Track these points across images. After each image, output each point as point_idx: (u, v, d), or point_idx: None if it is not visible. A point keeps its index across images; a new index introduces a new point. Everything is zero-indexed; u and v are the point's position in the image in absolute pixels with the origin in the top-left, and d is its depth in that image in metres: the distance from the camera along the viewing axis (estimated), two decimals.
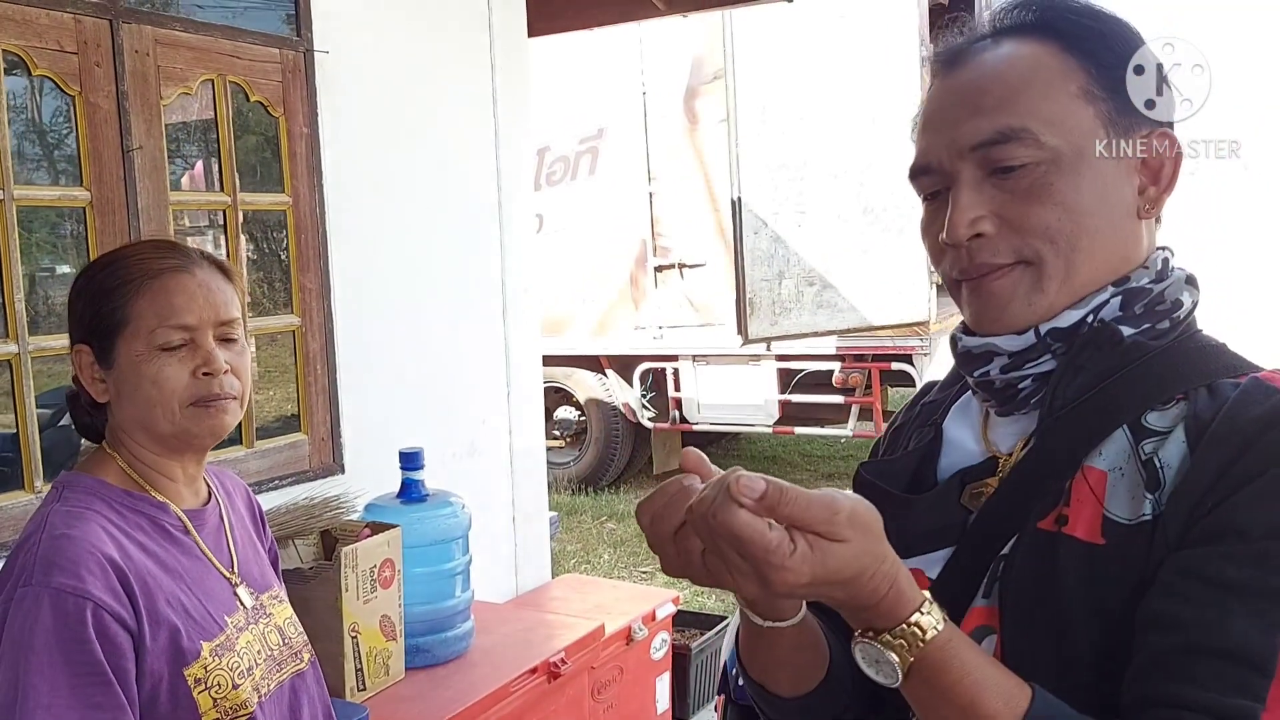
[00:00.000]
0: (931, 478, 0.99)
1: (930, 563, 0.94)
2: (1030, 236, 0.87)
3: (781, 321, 6.47)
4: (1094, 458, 0.86)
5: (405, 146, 3.13)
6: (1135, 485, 0.83)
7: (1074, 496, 0.86)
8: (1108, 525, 0.83)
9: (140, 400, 1.34)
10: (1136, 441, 0.85)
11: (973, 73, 0.91)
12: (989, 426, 0.98)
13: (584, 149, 7.63)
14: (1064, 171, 0.87)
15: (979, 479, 0.94)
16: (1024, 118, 0.87)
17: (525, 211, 3.66)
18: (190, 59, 2.58)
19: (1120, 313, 0.89)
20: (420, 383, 3.16)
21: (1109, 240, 0.89)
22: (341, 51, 2.90)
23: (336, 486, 2.69)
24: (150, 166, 2.48)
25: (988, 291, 0.90)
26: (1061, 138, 0.87)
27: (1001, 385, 0.93)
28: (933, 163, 0.92)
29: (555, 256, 7.41)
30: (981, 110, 0.88)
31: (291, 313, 2.83)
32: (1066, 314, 0.89)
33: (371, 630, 2.40)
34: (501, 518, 3.52)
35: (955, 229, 0.89)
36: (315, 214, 2.85)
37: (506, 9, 3.49)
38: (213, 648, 1.32)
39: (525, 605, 3.37)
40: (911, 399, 1.14)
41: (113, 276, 1.36)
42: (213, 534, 1.44)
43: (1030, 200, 0.87)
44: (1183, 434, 0.83)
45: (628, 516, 7.30)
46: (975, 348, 0.93)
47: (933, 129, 0.92)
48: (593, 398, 8.00)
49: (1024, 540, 0.87)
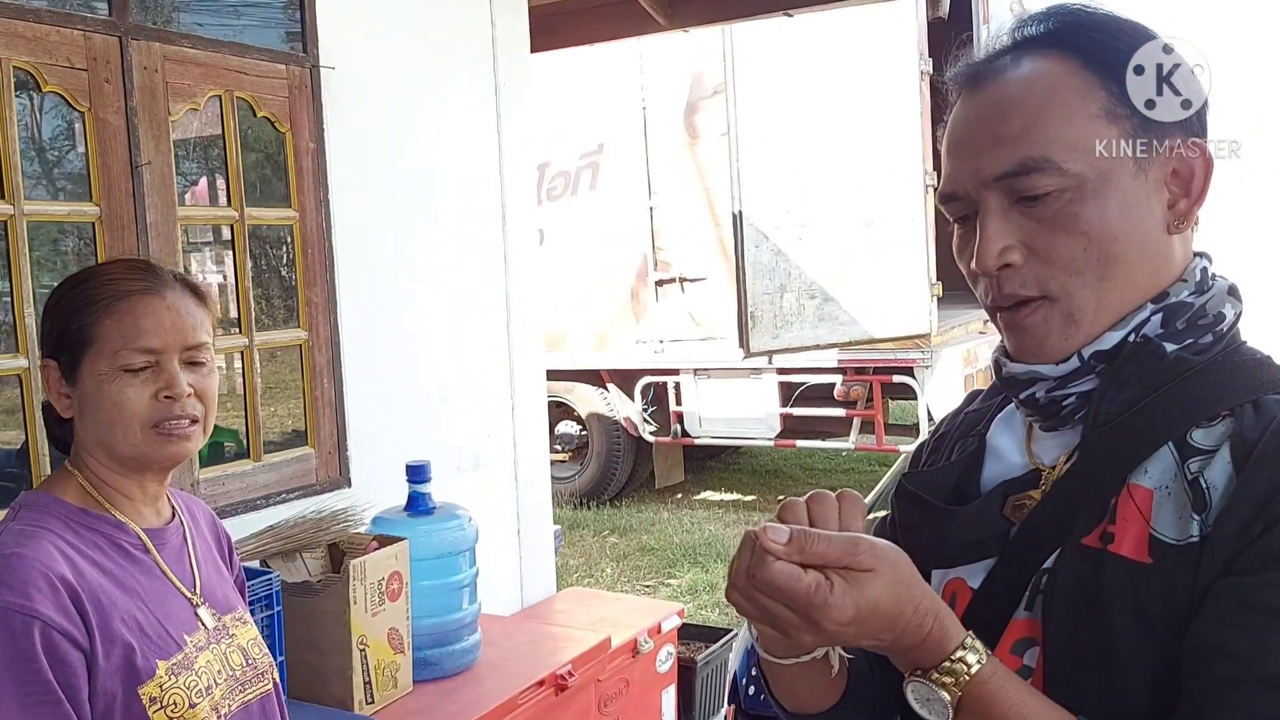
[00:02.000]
0: (975, 489, 0.98)
1: (973, 573, 0.94)
2: (1056, 269, 0.87)
3: (783, 335, 6.49)
4: (1139, 475, 0.86)
5: (409, 161, 3.14)
6: (1182, 505, 0.83)
7: (1120, 514, 0.85)
8: (1155, 545, 0.83)
9: (101, 420, 1.34)
10: (1182, 459, 0.84)
11: (993, 96, 0.90)
12: (1032, 439, 0.97)
13: (585, 164, 7.66)
14: (1089, 198, 0.86)
15: (1021, 491, 0.93)
16: (1045, 146, 0.86)
17: (528, 226, 3.68)
18: (198, 75, 2.60)
19: (1161, 329, 0.89)
20: (425, 396, 3.17)
21: (1139, 263, 0.88)
22: (347, 67, 2.92)
23: (343, 500, 2.70)
24: (159, 182, 2.50)
25: (1021, 327, 0.90)
26: (1085, 163, 0.86)
27: (1046, 403, 0.92)
28: (959, 191, 0.91)
29: (556, 271, 7.43)
30: (1002, 140, 0.87)
31: (298, 327, 2.84)
32: (1108, 335, 0.88)
33: (379, 643, 2.40)
34: (506, 531, 3.52)
35: (984, 260, 0.88)
36: (321, 228, 2.86)
37: (509, 25, 3.52)
38: (169, 666, 1.31)
39: (531, 618, 3.37)
40: (955, 409, 1.14)
41: (81, 295, 1.36)
42: (175, 553, 1.43)
43: (1056, 230, 0.86)
44: (1228, 454, 0.82)
45: (630, 530, 7.30)
46: (1020, 374, 0.92)
47: (958, 156, 0.91)
48: (594, 412, 8.00)
49: (1068, 555, 0.86)
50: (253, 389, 2.75)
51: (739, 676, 2.14)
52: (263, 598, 2.19)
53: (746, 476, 8.86)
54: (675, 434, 7.76)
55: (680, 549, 6.76)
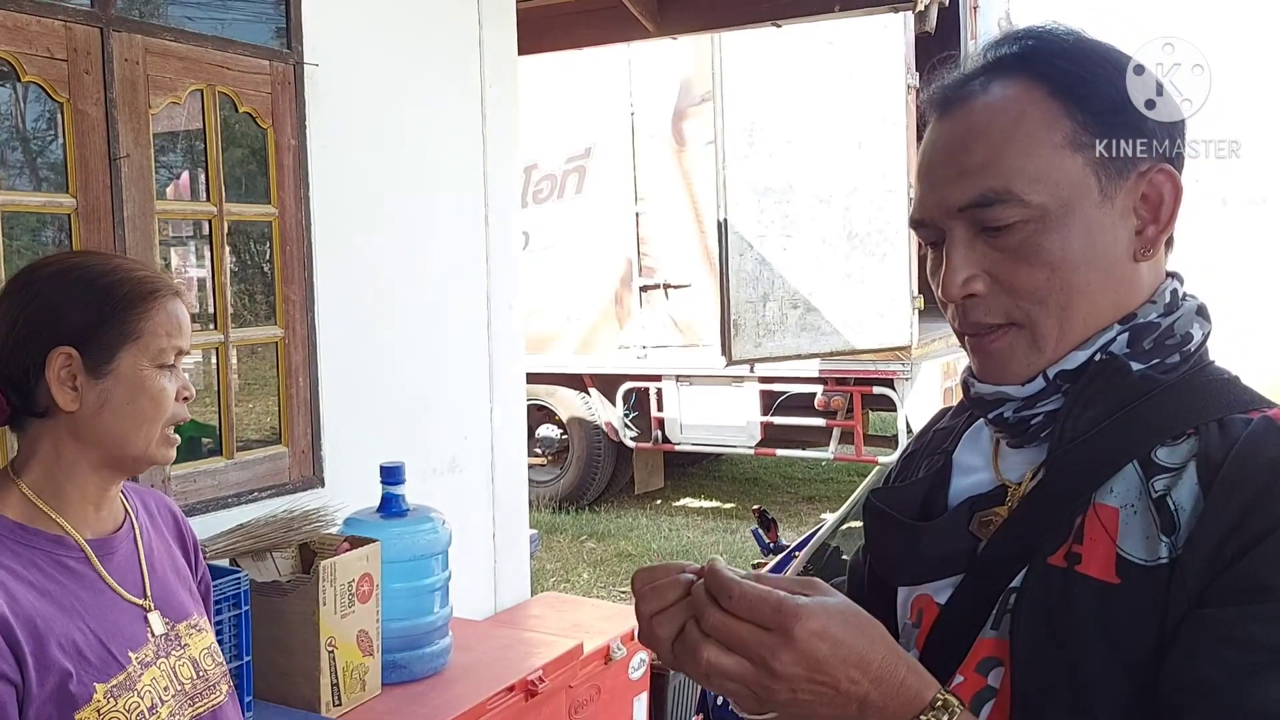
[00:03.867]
0: (941, 505, 0.98)
1: (940, 589, 0.94)
2: (1020, 298, 0.88)
3: (765, 343, 6.49)
4: (1105, 494, 0.85)
5: (392, 161, 3.13)
6: (1149, 524, 0.82)
7: (1086, 534, 0.85)
8: (1122, 564, 0.82)
9: (131, 414, 1.32)
10: (1148, 478, 0.84)
11: (960, 124, 0.90)
12: (999, 455, 0.97)
13: (571, 168, 7.66)
14: (1051, 228, 0.86)
15: (988, 507, 0.93)
16: (1007, 178, 0.86)
17: (512, 229, 3.67)
18: (180, 69, 2.58)
19: (1128, 349, 0.89)
20: (402, 397, 3.16)
21: (1102, 291, 0.88)
22: (331, 64, 2.90)
23: (316, 500, 2.68)
24: (137, 175, 2.48)
25: (986, 351, 0.91)
26: (1047, 194, 0.86)
27: (1014, 421, 0.92)
28: (926, 218, 0.92)
29: (541, 274, 7.42)
30: (966, 171, 0.88)
31: (274, 324, 2.82)
32: (1073, 355, 0.89)
33: (348, 645, 2.38)
34: (481, 534, 3.50)
35: (949, 289, 0.89)
36: (301, 226, 2.84)
37: (497, 27, 3.51)
38: (108, 689, 1.28)
39: (504, 623, 3.36)
40: (924, 427, 1.14)
41: (132, 286, 1.35)
42: (124, 561, 1.39)
43: (1019, 260, 0.87)
44: (1195, 474, 0.82)
45: (608, 536, 7.29)
46: (988, 394, 0.93)
47: (926, 184, 0.92)
48: (575, 416, 7.99)
49: (1034, 574, 0.86)
50: (227, 386, 2.72)
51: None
52: (230, 597, 2.17)
53: (726, 484, 8.86)
54: (656, 440, 7.76)
55: (658, 555, 6.75)
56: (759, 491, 8.57)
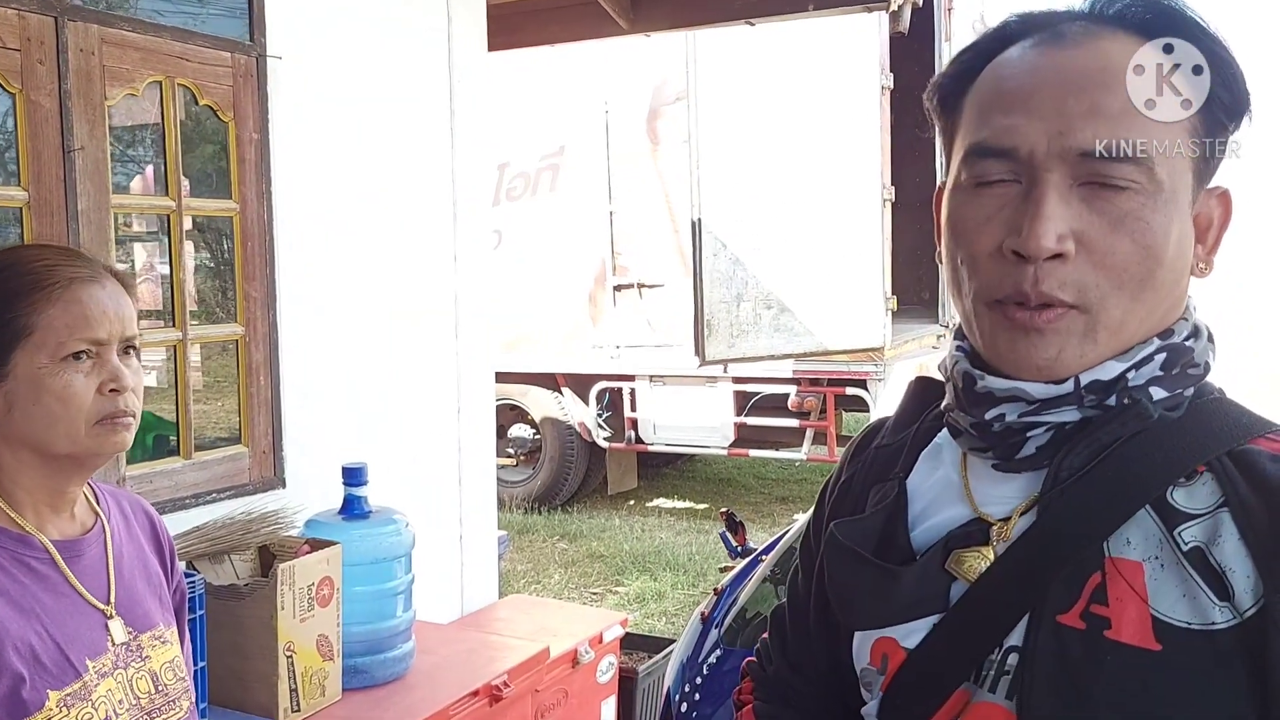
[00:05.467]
0: (902, 540, 0.89)
1: (908, 633, 0.85)
2: (1103, 274, 0.76)
3: (739, 344, 6.48)
4: (1121, 546, 0.77)
5: (358, 156, 3.08)
6: (1183, 580, 0.74)
7: (1111, 594, 0.76)
8: (1161, 628, 0.74)
9: (39, 415, 1.26)
10: (1169, 527, 0.76)
11: (1088, 59, 0.78)
12: (971, 483, 0.87)
13: (545, 165, 7.61)
14: (1160, 209, 0.77)
15: (967, 545, 0.83)
16: (1145, 137, 0.76)
17: (481, 227, 3.62)
18: (137, 60, 2.52)
19: (1161, 371, 0.80)
20: (367, 397, 3.11)
21: (1168, 295, 0.80)
22: (296, 57, 2.85)
23: (276, 501, 2.63)
24: (92, 168, 2.42)
25: (1040, 331, 0.78)
26: (1167, 174, 0.77)
27: (1002, 430, 0.82)
28: (1019, 149, 0.77)
29: (514, 273, 7.38)
30: (1101, 114, 0.76)
31: (235, 322, 2.77)
32: (1110, 365, 0.79)
33: (308, 650, 2.33)
34: (448, 536, 3.46)
35: (1039, 239, 0.75)
36: (263, 222, 2.79)
37: (466, 22, 3.46)
38: (61, 698, 1.23)
39: (469, 626, 3.31)
40: (856, 444, 1.04)
41: (19, 280, 1.27)
42: (92, 564, 1.34)
43: (1120, 231, 0.76)
44: (1234, 528, 0.74)
45: (580, 536, 7.25)
46: (1000, 390, 0.81)
47: (1027, 111, 0.78)
48: (548, 416, 7.95)
49: (1044, 635, 0.77)
50: (185, 384, 2.67)
51: (672, 693, 2.11)
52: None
53: (699, 484, 8.84)
54: (629, 440, 7.73)
55: (630, 556, 6.71)
56: (732, 492, 8.56)
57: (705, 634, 2.38)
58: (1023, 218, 0.77)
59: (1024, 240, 0.76)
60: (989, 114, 0.80)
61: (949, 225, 0.83)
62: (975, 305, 0.81)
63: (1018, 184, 0.78)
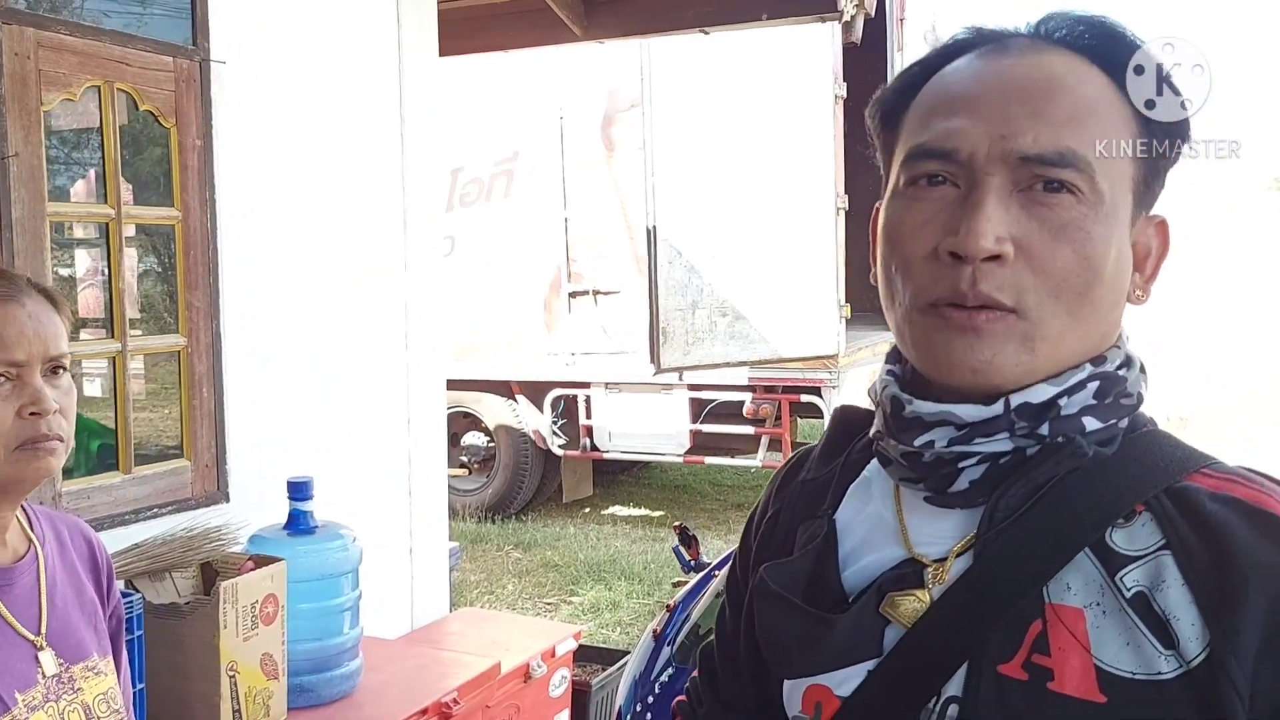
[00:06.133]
0: (833, 581, 0.85)
1: (842, 680, 0.82)
2: (1041, 280, 0.75)
3: (694, 351, 6.46)
4: (1061, 591, 0.74)
5: (305, 162, 3.02)
6: (1126, 628, 0.72)
7: (1053, 643, 0.73)
8: (1106, 679, 0.72)
9: None
10: (1109, 571, 0.74)
11: (1036, 69, 0.77)
12: (905, 517, 0.84)
13: (499, 171, 7.56)
14: (1100, 220, 0.75)
15: (901, 588, 0.81)
16: (1086, 147, 0.75)
17: (432, 234, 3.57)
18: (75, 64, 2.45)
19: (1094, 400, 0.78)
20: (314, 409, 3.05)
21: (1105, 317, 0.79)
22: (241, 62, 2.79)
23: (220, 516, 2.56)
24: (27, 175, 2.34)
25: (976, 331, 0.75)
26: (1108, 186, 0.76)
27: (932, 460, 0.79)
28: (961, 151, 0.76)
29: (467, 279, 7.32)
30: (1045, 119, 0.75)
31: (177, 333, 2.70)
32: (1041, 387, 0.77)
33: (251, 669, 2.28)
34: (398, 549, 3.40)
35: (977, 238, 0.74)
36: (206, 230, 2.72)
37: (417, 26, 3.41)
38: None
39: (419, 641, 3.26)
40: (782, 476, 0.99)
41: None
42: (23, 594, 1.30)
43: (1061, 239, 0.75)
44: (1177, 573, 0.72)
45: (534, 546, 7.20)
46: (929, 415, 0.79)
47: (971, 113, 0.76)
48: (502, 424, 7.89)
49: (984, 685, 0.75)
50: (124, 397, 2.59)
51: (624, 712, 2.07)
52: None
53: (655, 492, 8.82)
54: (584, 448, 7.68)
55: (584, 565, 6.68)
56: (688, 499, 8.54)
57: (658, 651, 2.34)
58: (960, 220, 0.75)
59: (961, 240, 0.74)
60: (930, 118, 0.79)
61: (884, 232, 0.81)
62: (909, 313, 0.79)
63: (956, 188, 0.77)
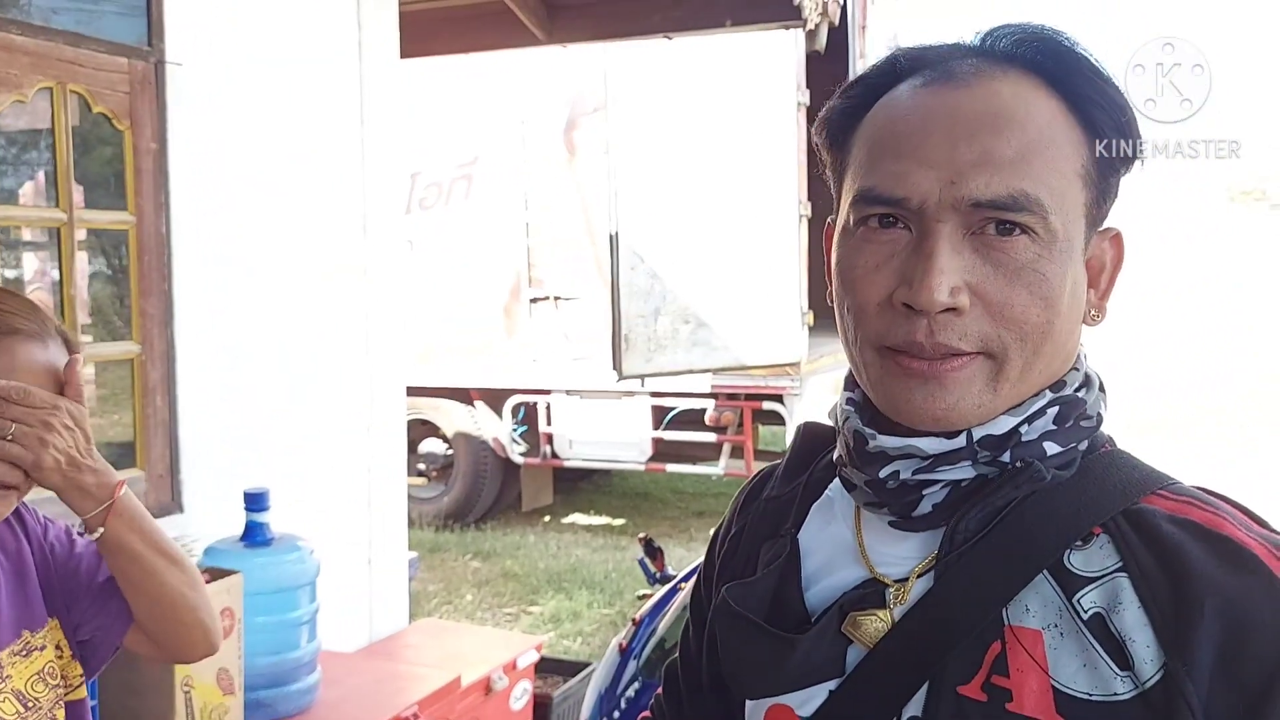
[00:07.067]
0: (796, 601, 0.85)
1: (804, 700, 0.82)
2: (1005, 325, 0.74)
3: (656, 358, 6.44)
4: (1020, 613, 0.74)
5: (263, 167, 2.97)
6: (1083, 650, 0.72)
7: (1012, 665, 0.73)
8: (1063, 700, 0.71)
9: None
10: (1067, 593, 0.73)
11: (982, 102, 0.75)
12: (866, 539, 0.84)
13: (459, 175, 7.48)
14: (1055, 259, 0.74)
15: (863, 607, 0.80)
16: (1038, 187, 0.73)
17: (392, 237, 3.53)
18: (26, 65, 2.39)
19: (1054, 425, 0.78)
20: (272, 417, 2.99)
21: (1064, 344, 0.78)
22: (197, 64, 2.74)
23: (174, 528, 2.50)
24: None
25: (941, 380, 0.74)
26: (1061, 222, 0.74)
27: (897, 487, 0.79)
28: (911, 199, 0.74)
29: (426, 283, 7.23)
30: (994, 162, 0.73)
31: (130, 340, 2.64)
32: (1002, 419, 0.76)
33: (207, 685, 2.22)
34: (356, 560, 3.35)
35: (928, 294, 0.72)
36: (160, 234, 2.66)
37: (377, 28, 3.37)
38: None
39: (378, 654, 3.21)
40: (745, 494, 0.99)
41: None
42: None
43: (1017, 284, 0.73)
44: (1133, 595, 0.72)
45: (494, 555, 7.13)
46: (893, 449, 0.78)
47: (919, 159, 0.74)
48: (460, 431, 7.80)
49: (945, 707, 0.74)
50: None
51: None
52: None
53: (616, 500, 8.78)
54: (545, 455, 7.62)
55: (544, 575, 6.62)
56: (649, 507, 8.51)
57: (623, 665, 2.32)
58: (914, 268, 0.74)
59: (914, 294, 0.73)
60: (879, 159, 0.77)
61: (837, 270, 0.80)
62: (864, 352, 0.78)
63: (908, 230, 0.76)
